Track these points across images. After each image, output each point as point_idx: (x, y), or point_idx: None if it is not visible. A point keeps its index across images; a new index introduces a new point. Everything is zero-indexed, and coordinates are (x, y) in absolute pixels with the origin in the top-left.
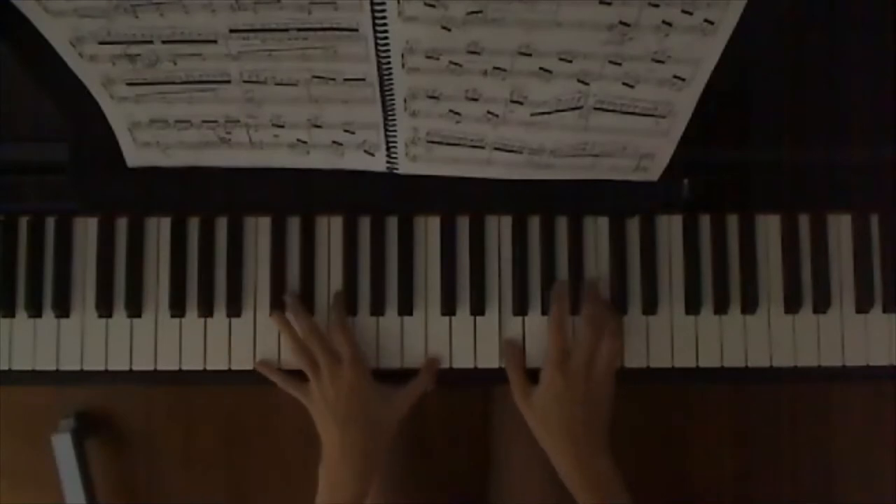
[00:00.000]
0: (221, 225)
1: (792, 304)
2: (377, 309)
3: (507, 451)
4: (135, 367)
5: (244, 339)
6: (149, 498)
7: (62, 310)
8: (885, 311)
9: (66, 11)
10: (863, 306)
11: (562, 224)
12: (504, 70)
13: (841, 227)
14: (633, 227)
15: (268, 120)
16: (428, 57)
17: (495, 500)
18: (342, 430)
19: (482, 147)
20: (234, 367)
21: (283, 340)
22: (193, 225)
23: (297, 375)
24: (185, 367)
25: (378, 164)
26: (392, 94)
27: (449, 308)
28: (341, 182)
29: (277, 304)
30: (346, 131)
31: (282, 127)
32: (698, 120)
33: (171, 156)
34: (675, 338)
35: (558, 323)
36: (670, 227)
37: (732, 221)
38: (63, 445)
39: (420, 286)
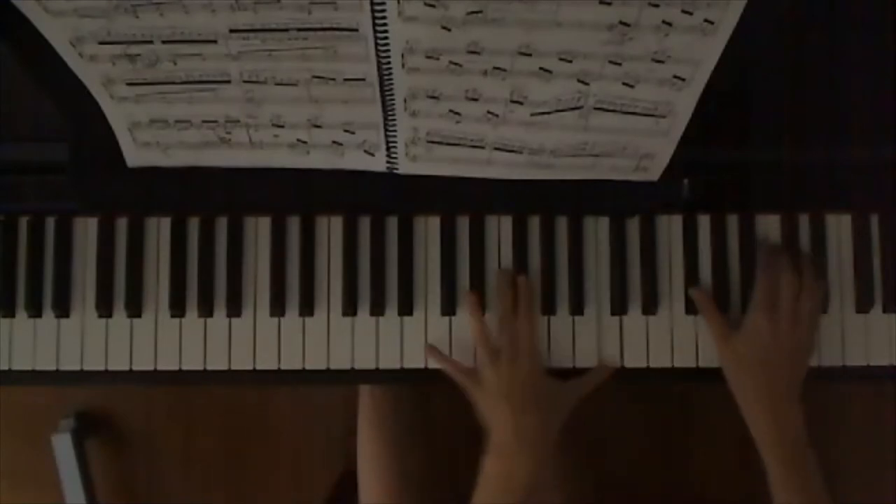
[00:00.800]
0: (221, 225)
1: None
2: (377, 309)
3: None
4: (135, 367)
5: (244, 339)
6: (149, 498)
7: (62, 310)
8: (885, 311)
9: (66, 11)
10: (863, 306)
11: (562, 224)
12: (504, 70)
13: (841, 227)
14: (633, 227)
15: (268, 120)
16: (428, 57)
17: None
18: (518, 417)
19: (482, 147)
20: (234, 367)
21: (470, 321)
22: (193, 225)
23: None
24: (185, 367)
25: (378, 164)
26: (392, 94)
27: (449, 308)
28: (341, 182)
29: (278, 304)
30: (346, 131)
31: (282, 127)
32: (698, 120)
33: (171, 156)
34: (675, 338)
35: (770, 267)
36: (670, 227)
37: (732, 221)
38: (63, 445)
39: (420, 286)
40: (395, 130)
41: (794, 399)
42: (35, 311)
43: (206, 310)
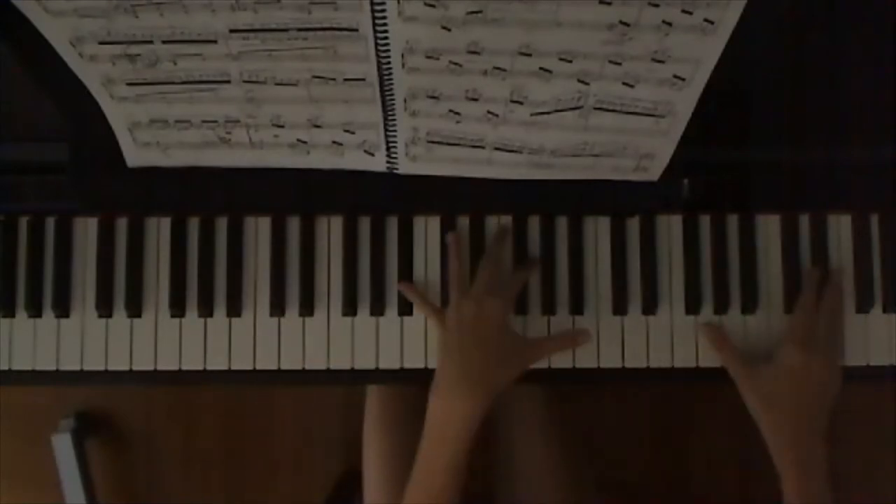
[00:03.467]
0: (221, 225)
1: (792, 304)
2: (377, 309)
3: (518, 453)
4: (135, 367)
5: (244, 339)
6: (149, 498)
7: (62, 310)
8: (885, 311)
9: (66, 11)
10: (863, 306)
11: (562, 224)
12: (504, 70)
13: (841, 227)
14: (633, 227)
15: (268, 120)
16: (428, 57)
17: (502, 501)
18: (465, 353)
19: (482, 147)
20: (234, 367)
21: (449, 260)
22: (193, 225)
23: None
24: (185, 367)
25: (378, 164)
26: (392, 94)
27: None
28: (341, 182)
29: (278, 304)
30: (346, 131)
31: (282, 127)
32: (698, 120)
33: (171, 156)
34: (675, 338)
35: (809, 304)
36: (670, 227)
37: (732, 221)
38: (63, 445)
39: (420, 286)
40: (395, 130)
41: (820, 432)
42: (35, 311)
43: (206, 310)
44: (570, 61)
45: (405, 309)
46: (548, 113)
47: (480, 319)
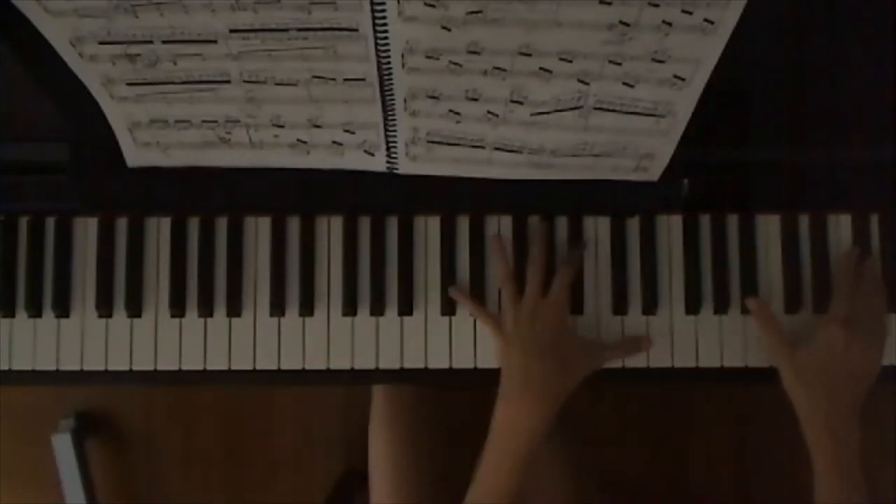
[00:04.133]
0: (221, 225)
1: (792, 304)
2: (377, 309)
3: None
4: (135, 367)
5: (244, 339)
6: (149, 498)
7: (62, 310)
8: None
9: (66, 11)
10: None
11: (562, 224)
12: (504, 70)
13: (841, 227)
14: (633, 227)
15: (268, 120)
16: (428, 57)
17: None
18: (531, 360)
19: (482, 147)
20: (234, 367)
21: (494, 263)
22: (193, 225)
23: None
24: (185, 367)
25: (378, 164)
26: (392, 94)
27: (449, 308)
28: (341, 182)
29: (278, 304)
30: (346, 131)
31: (282, 127)
32: (698, 120)
33: (171, 156)
34: (675, 338)
35: (850, 287)
36: (670, 227)
37: (732, 221)
38: (63, 445)
39: (420, 286)
40: (395, 130)
41: (854, 417)
42: (35, 311)
43: (206, 310)
44: (570, 61)
45: (405, 309)
46: (548, 113)
47: (540, 326)
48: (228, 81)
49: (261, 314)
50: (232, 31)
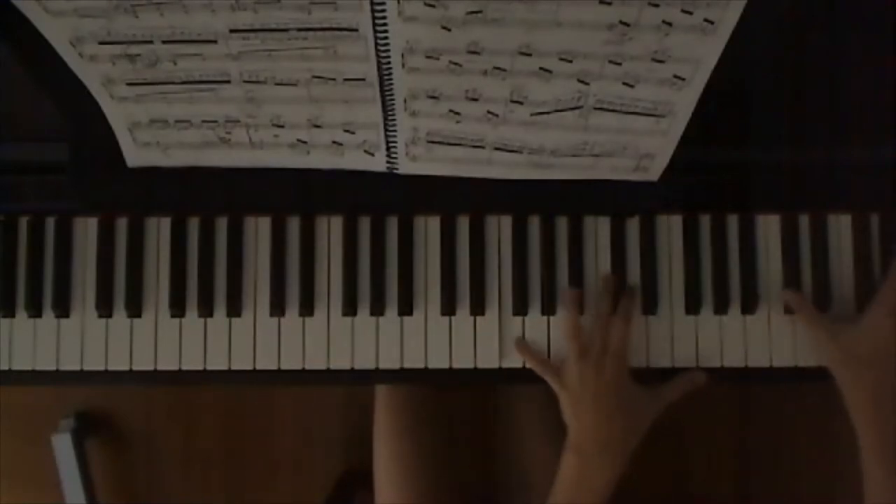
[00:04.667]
0: (221, 225)
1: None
2: (377, 309)
3: (519, 453)
4: (135, 367)
5: (244, 339)
6: (149, 498)
7: (62, 310)
8: None
9: (66, 11)
10: (863, 306)
11: (562, 224)
12: (504, 70)
13: (841, 227)
14: (633, 227)
15: (268, 120)
16: (428, 57)
17: (503, 501)
18: (603, 420)
19: (482, 147)
20: (234, 367)
21: (563, 317)
22: (193, 225)
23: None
24: (185, 367)
25: (378, 164)
26: (392, 94)
27: (449, 308)
28: (341, 182)
29: (278, 304)
30: (346, 131)
31: (282, 127)
32: (698, 120)
33: (171, 156)
34: (675, 338)
35: None
36: (670, 227)
37: (732, 221)
38: (63, 445)
39: (420, 286)
40: (395, 130)
41: None
42: (35, 311)
43: (206, 310)
44: (571, 61)
45: (405, 309)
46: (548, 113)
47: (606, 381)
48: (228, 81)
49: (261, 314)
50: (232, 31)
